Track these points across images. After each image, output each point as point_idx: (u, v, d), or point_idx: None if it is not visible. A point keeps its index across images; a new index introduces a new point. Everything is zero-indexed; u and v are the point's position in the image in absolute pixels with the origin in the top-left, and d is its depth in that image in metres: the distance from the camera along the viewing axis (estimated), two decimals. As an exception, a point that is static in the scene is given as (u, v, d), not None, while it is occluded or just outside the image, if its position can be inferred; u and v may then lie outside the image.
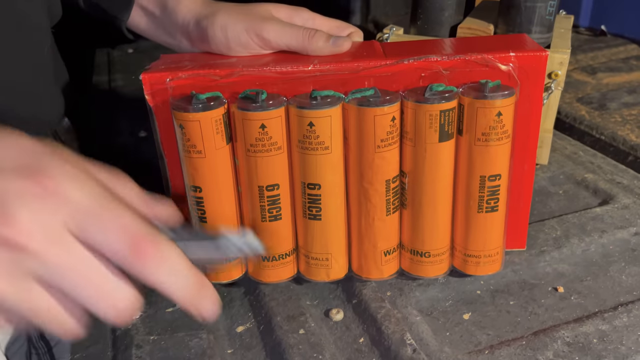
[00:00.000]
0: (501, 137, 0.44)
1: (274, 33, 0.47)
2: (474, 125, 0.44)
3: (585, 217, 0.61)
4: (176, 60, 0.48)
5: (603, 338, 0.45)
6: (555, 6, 0.63)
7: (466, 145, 0.46)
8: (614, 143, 0.78)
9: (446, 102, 0.43)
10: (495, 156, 0.45)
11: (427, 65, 0.45)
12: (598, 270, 0.54)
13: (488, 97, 0.43)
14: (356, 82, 0.45)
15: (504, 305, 0.50)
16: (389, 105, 0.43)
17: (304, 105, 0.43)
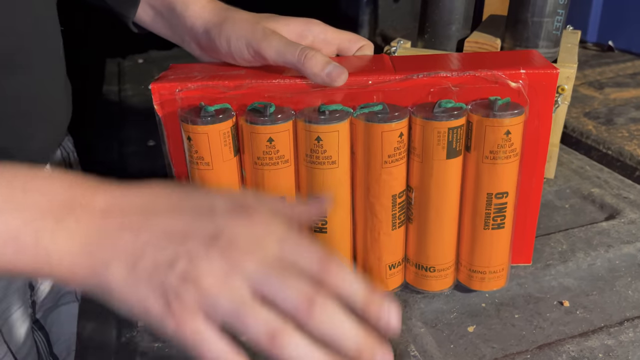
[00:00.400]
0: (509, 156, 0.44)
1: (272, 51, 0.46)
2: (482, 142, 0.44)
3: (592, 231, 0.60)
4: (186, 71, 0.49)
5: (609, 353, 0.45)
6: (562, 21, 0.64)
7: (474, 162, 0.46)
8: (621, 158, 0.78)
9: (455, 120, 0.43)
10: (503, 174, 0.45)
11: (436, 81, 0.45)
12: (604, 285, 0.54)
13: (497, 116, 0.43)
14: (365, 96, 0.45)
15: (509, 318, 0.50)
16: (397, 121, 0.43)
17: (312, 119, 0.43)
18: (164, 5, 0.54)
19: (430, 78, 0.45)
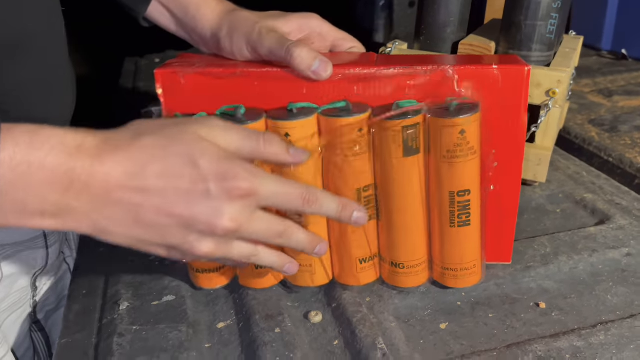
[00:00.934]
0: (467, 154, 0.45)
1: (265, 49, 0.49)
2: (439, 142, 0.45)
3: (578, 235, 0.60)
4: (190, 60, 0.51)
5: (576, 354, 0.45)
6: (556, 25, 0.64)
7: (434, 161, 0.47)
8: (621, 165, 0.77)
9: (409, 118, 0.44)
10: (463, 172, 0.46)
11: (411, 76, 0.46)
12: (584, 288, 0.54)
13: (450, 116, 0.44)
14: (346, 86, 0.47)
15: (482, 317, 0.50)
16: (354, 116, 0.45)
17: (280, 117, 0.46)
18: (177, 6, 0.57)
19: (406, 71, 0.46)
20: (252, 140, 0.40)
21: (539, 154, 0.66)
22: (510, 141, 0.49)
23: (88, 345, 0.48)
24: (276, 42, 0.48)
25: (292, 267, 0.46)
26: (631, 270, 0.56)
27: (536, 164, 0.67)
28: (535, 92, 0.63)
